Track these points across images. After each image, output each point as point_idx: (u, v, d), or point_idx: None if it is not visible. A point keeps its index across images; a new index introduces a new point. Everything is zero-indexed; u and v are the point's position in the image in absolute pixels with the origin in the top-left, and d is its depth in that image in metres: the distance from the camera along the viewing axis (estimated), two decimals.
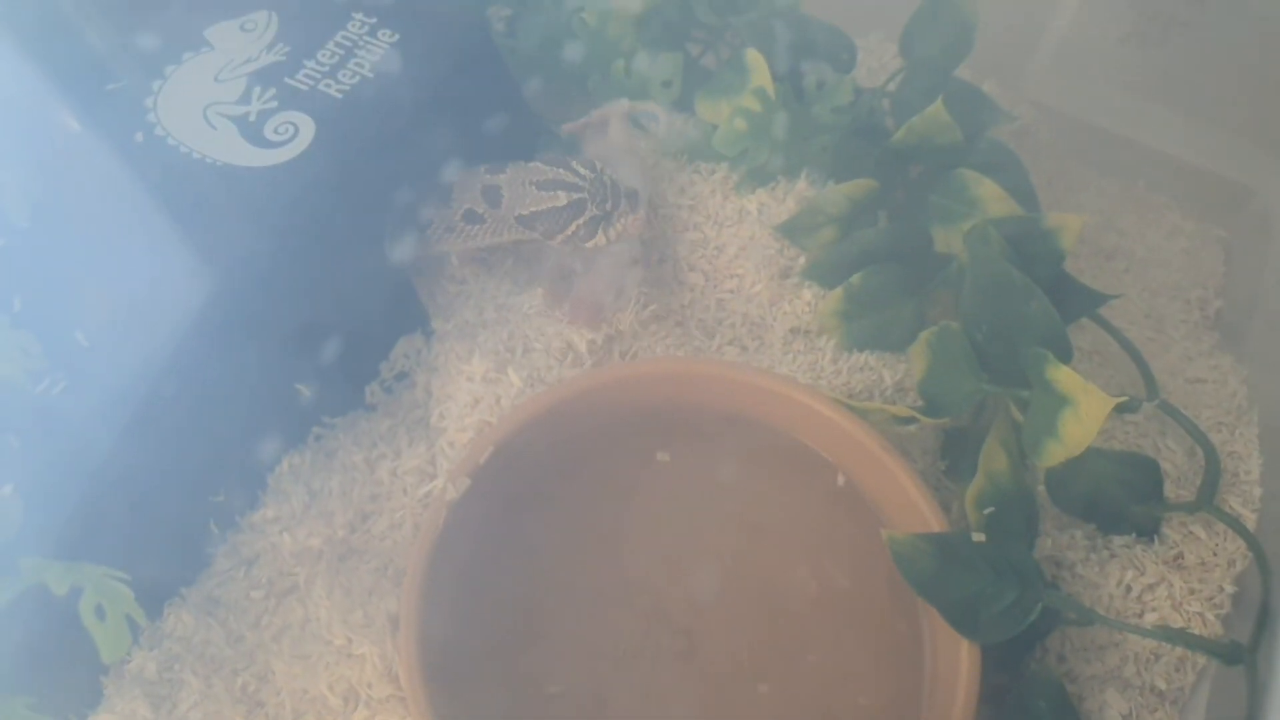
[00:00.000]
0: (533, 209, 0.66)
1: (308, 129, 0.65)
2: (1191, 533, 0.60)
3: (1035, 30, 0.84)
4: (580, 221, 0.65)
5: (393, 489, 0.63)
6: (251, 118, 0.66)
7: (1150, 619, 0.57)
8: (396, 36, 0.70)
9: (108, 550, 0.55)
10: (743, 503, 0.64)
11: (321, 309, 0.66)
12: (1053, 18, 0.83)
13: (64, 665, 0.55)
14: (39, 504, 0.53)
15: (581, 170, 0.66)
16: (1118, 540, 0.61)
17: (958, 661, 0.56)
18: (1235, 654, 0.55)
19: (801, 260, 0.70)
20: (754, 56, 0.71)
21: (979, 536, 0.57)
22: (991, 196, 0.66)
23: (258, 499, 0.64)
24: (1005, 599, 0.55)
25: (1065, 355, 0.55)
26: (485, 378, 0.65)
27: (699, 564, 0.63)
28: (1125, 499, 0.60)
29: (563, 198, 0.65)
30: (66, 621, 0.52)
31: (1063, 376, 0.52)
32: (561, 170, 0.66)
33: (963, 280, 0.63)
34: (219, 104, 0.67)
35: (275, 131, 0.65)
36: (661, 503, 0.64)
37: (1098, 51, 0.83)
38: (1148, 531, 0.60)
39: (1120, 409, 0.52)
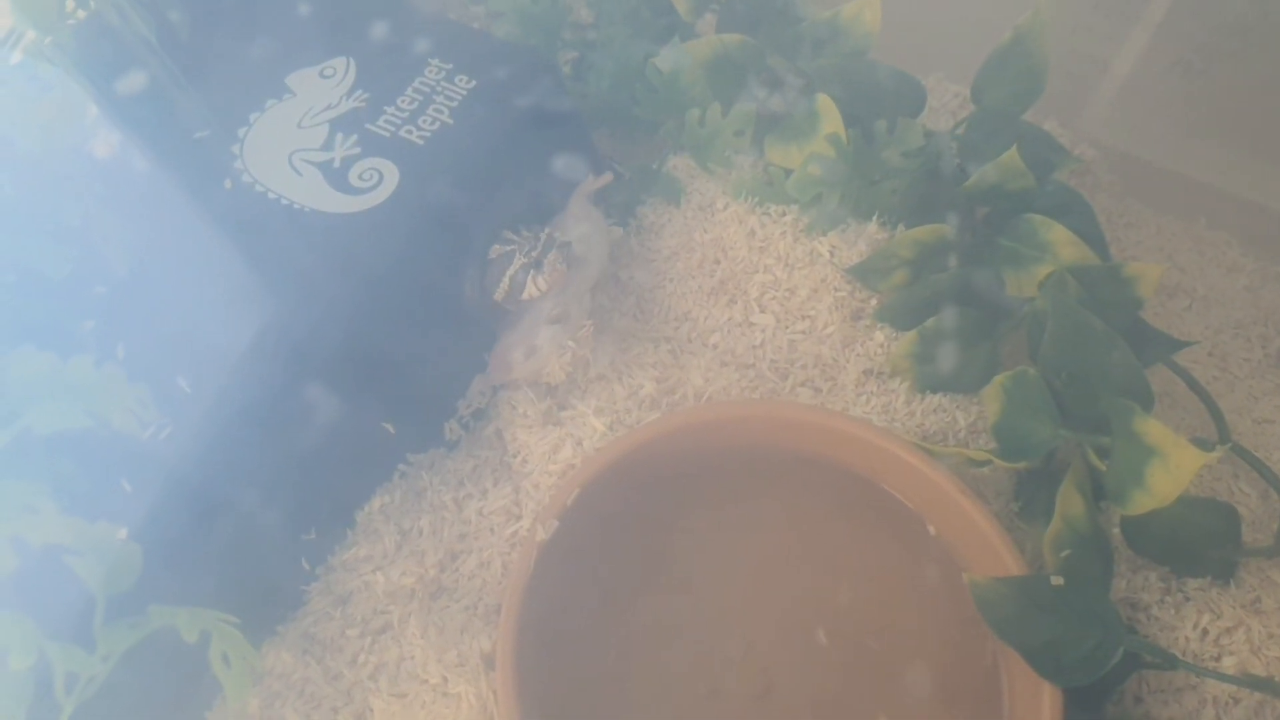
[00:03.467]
0: (490, 259, 0.68)
1: (391, 175, 0.67)
2: (1269, 577, 0.61)
3: (1093, 68, 0.85)
4: (512, 272, 0.67)
5: (480, 528, 0.65)
6: (336, 164, 0.68)
7: (1228, 663, 0.58)
8: (473, 83, 0.72)
9: (210, 591, 0.57)
10: (819, 545, 0.65)
11: (406, 348, 0.67)
12: (1111, 55, 0.84)
13: (170, 704, 0.57)
14: (150, 547, 0.54)
15: (525, 232, 0.68)
16: (1193, 583, 0.62)
17: (1039, 706, 0.57)
18: None
19: (873, 302, 0.72)
20: (825, 102, 0.72)
21: (1058, 580, 0.58)
22: (1062, 241, 0.67)
23: (346, 537, 0.65)
24: (1086, 643, 0.56)
25: (1147, 404, 0.56)
26: (568, 421, 0.66)
27: (776, 605, 0.64)
28: (1202, 543, 0.60)
29: (496, 250, 0.68)
30: (176, 662, 0.54)
31: (1151, 429, 0.53)
32: (508, 231, 0.69)
33: (1036, 324, 0.65)
34: (303, 150, 0.69)
35: (360, 178, 0.67)
36: (739, 543, 0.65)
37: (1155, 88, 0.84)
38: (1224, 575, 0.61)
39: None
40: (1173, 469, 0.52)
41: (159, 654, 0.53)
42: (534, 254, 0.67)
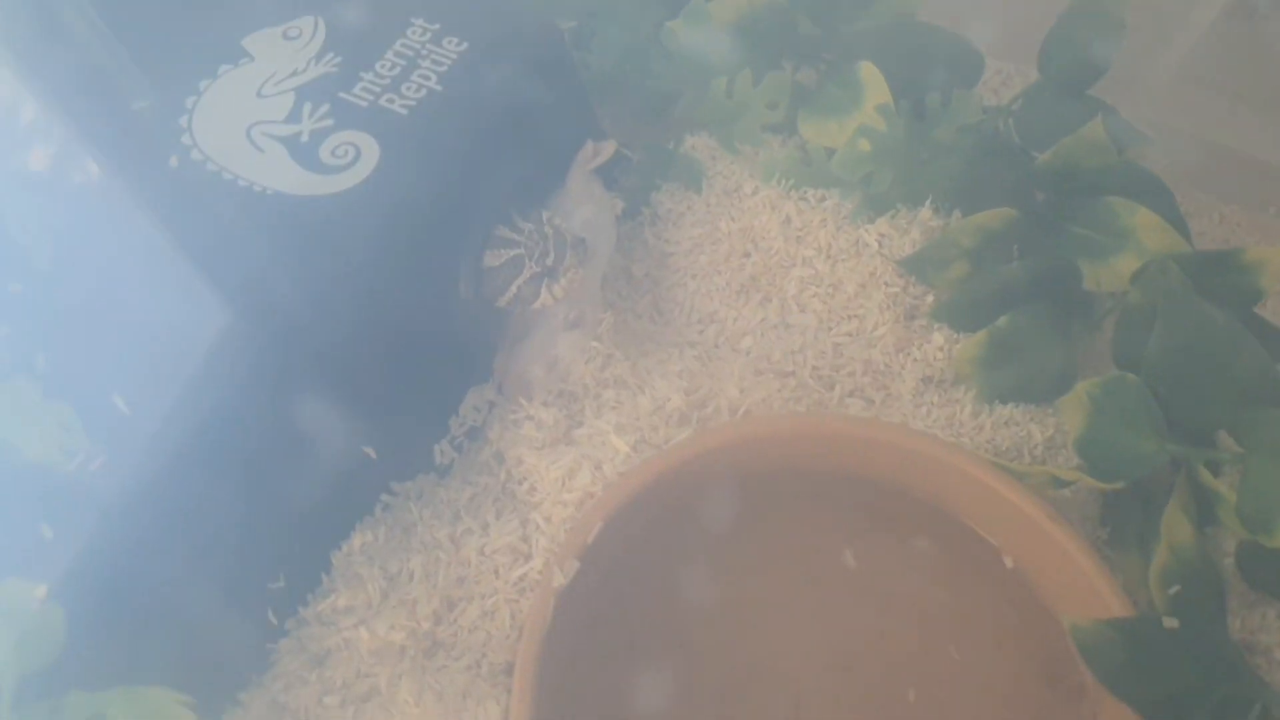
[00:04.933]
0: (488, 265, 0.59)
1: (370, 151, 0.57)
2: None
3: (1149, 39, 0.77)
4: (521, 280, 0.58)
5: (482, 571, 0.54)
6: (304, 138, 0.58)
7: None
8: (464, 45, 0.62)
9: (155, 659, 0.46)
10: (877, 582, 0.56)
11: (388, 357, 0.57)
12: (1172, 26, 0.76)
13: None
14: (77, 608, 0.43)
15: (521, 224, 0.59)
16: None
17: None
18: None
19: (929, 299, 0.63)
20: (869, 70, 0.63)
21: (1171, 622, 0.50)
22: (1148, 226, 0.59)
23: (321, 583, 0.55)
24: (1214, 696, 0.48)
25: None
26: (583, 441, 0.56)
27: (829, 654, 0.55)
28: None
29: (501, 255, 0.58)
30: None
31: None
32: (503, 227, 0.59)
33: (1127, 322, 0.56)
34: (264, 123, 0.59)
35: (333, 154, 0.57)
36: (786, 580, 0.56)
37: (1218, 63, 0.76)
38: None
39: None
40: None
41: None
42: (547, 261, 0.57)
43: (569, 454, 0.56)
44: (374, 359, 0.56)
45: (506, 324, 0.63)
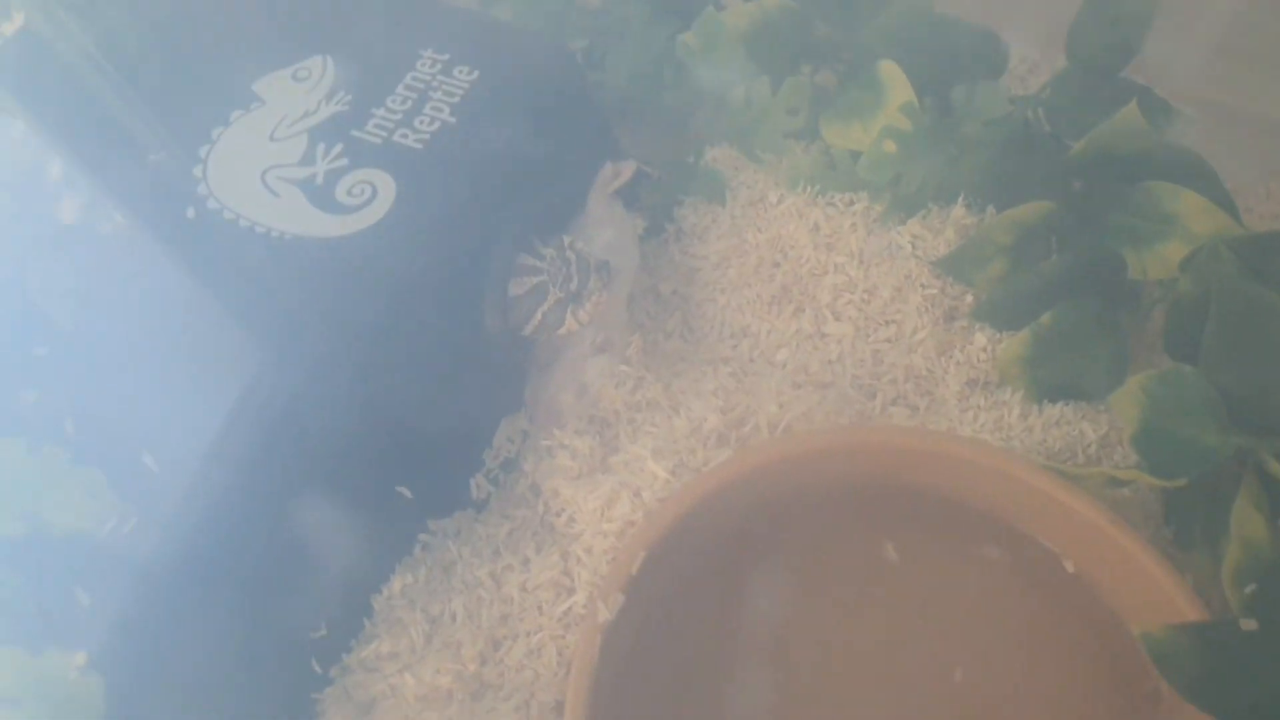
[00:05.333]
0: (512, 294, 0.58)
1: (387, 188, 0.56)
2: None
3: (1180, 17, 0.75)
4: (545, 307, 0.56)
5: (525, 607, 0.53)
6: (319, 179, 0.57)
7: None
8: (475, 73, 0.61)
9: (197, 718, 0.45)
10: (935, 599, 0.54)
11: (419, 395, 0.56)
12: (1203, 2, 0.73)
13: None
14: (116, 673, 0.43)
15: (543, 250, 0.58)
16: None
17: None
18: None
19: (968, 299, 0.61)
20: (889, 69, 0.61)
21: (1250, 623, 0.47)
22: (1193, 210, 0.56)
23: (363, 629, 0.54)
24: None
25: None
26: (620, 468, 0.55)
27: (893, 676, 0.53)
28: None
29: (525, 283, 0.57)
30: None
31: None
32: (525, 255, 0.58)
33: (1178, 311, 0.54)
34: (279, 167, 0.58)
35: (349, 193, 0.56)
36: (840, 599, 0.54)
37: (1250, 33, 0.74)
38: None
39: None
40: None
41: None
42: (570, 286, 0.56)
43: (606, 482, 0.55)
44: (405, 396, 0.56)
45: (534, 352, 0.62)
